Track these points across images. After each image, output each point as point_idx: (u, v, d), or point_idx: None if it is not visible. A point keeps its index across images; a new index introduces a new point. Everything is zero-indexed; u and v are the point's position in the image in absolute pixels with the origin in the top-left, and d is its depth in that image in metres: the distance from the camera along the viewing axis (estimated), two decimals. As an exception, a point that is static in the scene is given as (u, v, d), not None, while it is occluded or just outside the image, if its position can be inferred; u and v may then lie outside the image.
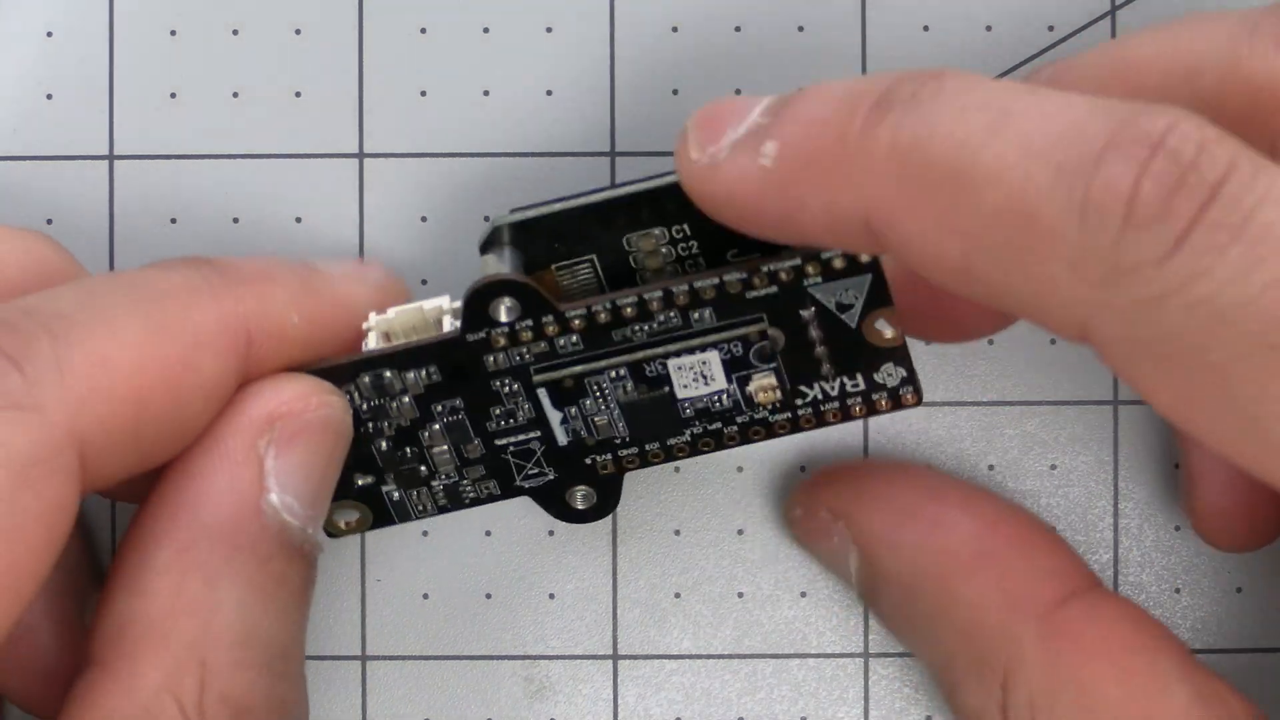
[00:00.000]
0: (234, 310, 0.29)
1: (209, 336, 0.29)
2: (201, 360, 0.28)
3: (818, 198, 0.27)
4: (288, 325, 0.30)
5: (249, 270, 0.30)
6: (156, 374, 0.28)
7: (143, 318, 0.28)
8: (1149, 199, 0.24)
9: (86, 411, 0.27)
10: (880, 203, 0.26)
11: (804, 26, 0.35)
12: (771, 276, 0.30)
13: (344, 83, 0.35)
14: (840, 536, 0.33)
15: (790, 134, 0.27)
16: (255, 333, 0.29)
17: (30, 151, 0.35)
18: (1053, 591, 0.30)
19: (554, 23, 0.35)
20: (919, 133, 0.25)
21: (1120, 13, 0.35)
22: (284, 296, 0.30)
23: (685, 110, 0.34)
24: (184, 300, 0.29)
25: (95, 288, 0.29)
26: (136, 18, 0.35)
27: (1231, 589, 0.35)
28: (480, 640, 0.35)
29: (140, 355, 0.28)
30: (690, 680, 0.35)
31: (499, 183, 0.35)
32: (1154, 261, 0.24)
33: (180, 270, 0.29)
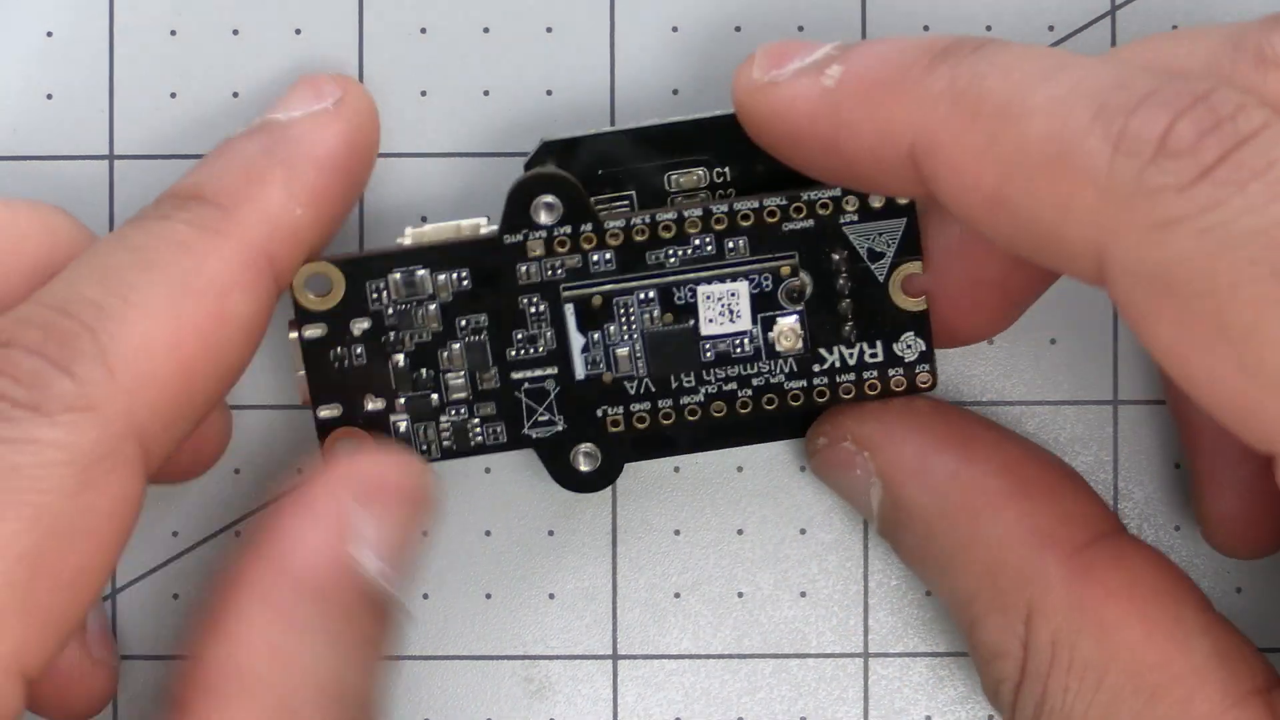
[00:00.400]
0: (245, 240, 0.29)
1: (233, 279, 0.29)
2: (232, 307, 0.29)
3: (870, 122, 0.28)
4: (295, 222, 0.30)
5: (238, 188, 0.30)
6: (195, 340, 0.28)
7: (166, 286, 0.28)
8: (1182, 135, 0.25)
9: (139, 400, 0.28)
10: (930, 127, 0.28)
11: (804, 26, 0.35)
12: (810, 207, 0.31)
13: (344, 83, 0.35)
14: (864, 468, 0.32)
15: (858, 62, 0.29)
16: (274, 250, 0.30)
17: (30, 151, 0.35)
18: (1080, 532, 0.30)
19: (554, 23, 0.35)
20: (978, 70, 0.28)
21: (1120, 13, 0.35)
22: (277, 195, 0.30)
23: (685, 110, 0.34)
24: (198, 251, 0.29)
25: (109, 264, 0.29)
26: (136, 18, 0.35)
27: (1231, 589, 0.35)
28: (480, 640, 0.35)
29: (176, 327, 0.28)
30: (690, 680, 0.35)
31: (499, 183, 0.35)
32: (1176, 187, 0.25)
33: (176, 217, 0.30)
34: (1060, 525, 0.30)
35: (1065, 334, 0.35)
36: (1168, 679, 0.29)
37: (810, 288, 0.32)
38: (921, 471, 0.32)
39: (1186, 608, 0.30)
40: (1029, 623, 0.30)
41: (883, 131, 0.28)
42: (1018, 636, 0.30)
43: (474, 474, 0.35)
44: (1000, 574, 0.30)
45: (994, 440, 0.32)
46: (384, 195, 0.35)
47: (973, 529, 0.31)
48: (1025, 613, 0.30)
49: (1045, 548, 0.30)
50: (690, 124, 0.32)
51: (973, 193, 0.27)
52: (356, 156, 0.31)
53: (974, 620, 0.31)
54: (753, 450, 0.35)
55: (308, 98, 0.32)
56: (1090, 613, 0.30)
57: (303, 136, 0.31)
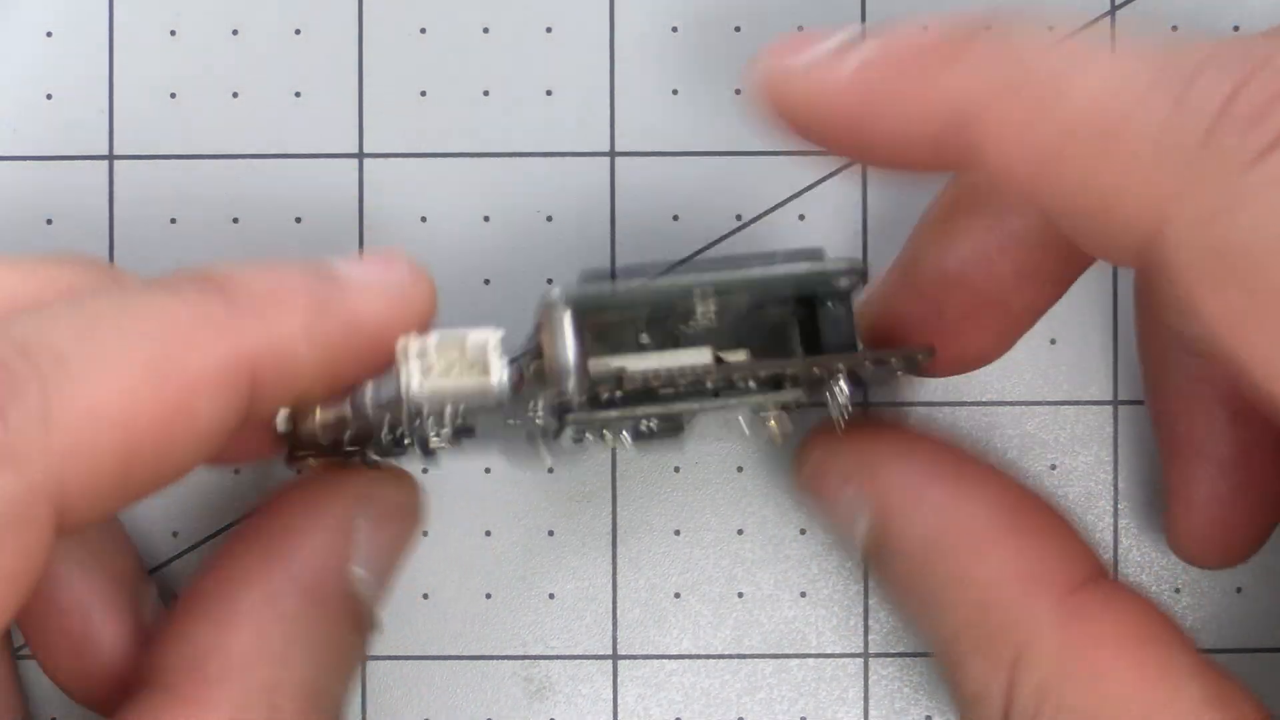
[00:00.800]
0: (238, 349, 0.27)
1: (209, 378, 0.27)
2: (198, 405, 0.27)
3: (908, 96, 0.27)
4: (296, 354, 0.28)
5: (258, 291, 0.28)
6: (149, 422, 0.26)
7: (141, 359, 0.26)
8: (1250, 99, 0.24)
9: (69, 465, 0.25)
10: (973, 97, 0.26)
11: (804, 27, 0.35)
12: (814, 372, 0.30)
13: (344, 83, 0.35)
14: (851, 499, 0.32)
15: (890, 40, 0.28)
16: (260, 370, 0.27)
17: (30, 151, 0.35)
18: (1070, 575, 0.30)
19: (554, 23, 0.35)
20: (1022, 40, 0.26)
21: (1120, 13, 0.35)
22: (294, 324, 0.28)
23: (685, 110, 0.34)
24: (186, 337, 0.27)
25: (96, 317, 0.27)
26: (136, 18, 0.35)
27: (1231, 589, 0.35)
28: (480, 640, 0.35)
29: (134, 403, 0.26)
30: (690, 680, 0.35)
31: (499, 183, 0.35)
32: (1244, 156, 0.24)
33: (186, 295, 0.27)
34: (1052, 567, 0.30)
35: (1065, 334, 0.35)
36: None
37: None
38: (912, 503, 0.31)
39: (1175, 652, 0.29)
40: (1015, 668, 0.29)
41: (921, 105, 0.27)
42: (1002, 682, 0.29)
43: (474, 474, 0.35)
44: (988, 615, 0.30)
45: (986, 476, 0.31)
46: (384, 195, 0.35)
47: (962, 567, 0.30)
48: (1013, 658, 0.29)
49: (1036, 590, 0.29)
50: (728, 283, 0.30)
51: (1020, 162, 0.26)
52: (386, 340, 0.29)
53: (957, 661, 0.30)
54: (753, 450, 0.35)
55: (376, 264, 0.29)
56: (1080, 659, 0.29)
57: (349, 291, 0.28)
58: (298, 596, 0.29)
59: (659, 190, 0.35)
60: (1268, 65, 0.24)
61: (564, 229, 0.35)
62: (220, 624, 0.29)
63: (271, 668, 0.29)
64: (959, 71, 0.27)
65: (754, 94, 0.29)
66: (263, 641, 0.29)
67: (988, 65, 0.26)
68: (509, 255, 0.35)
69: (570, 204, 0.35)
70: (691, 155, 0.35)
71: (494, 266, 0.35)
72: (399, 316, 0.29)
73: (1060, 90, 0.25)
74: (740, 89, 0.35)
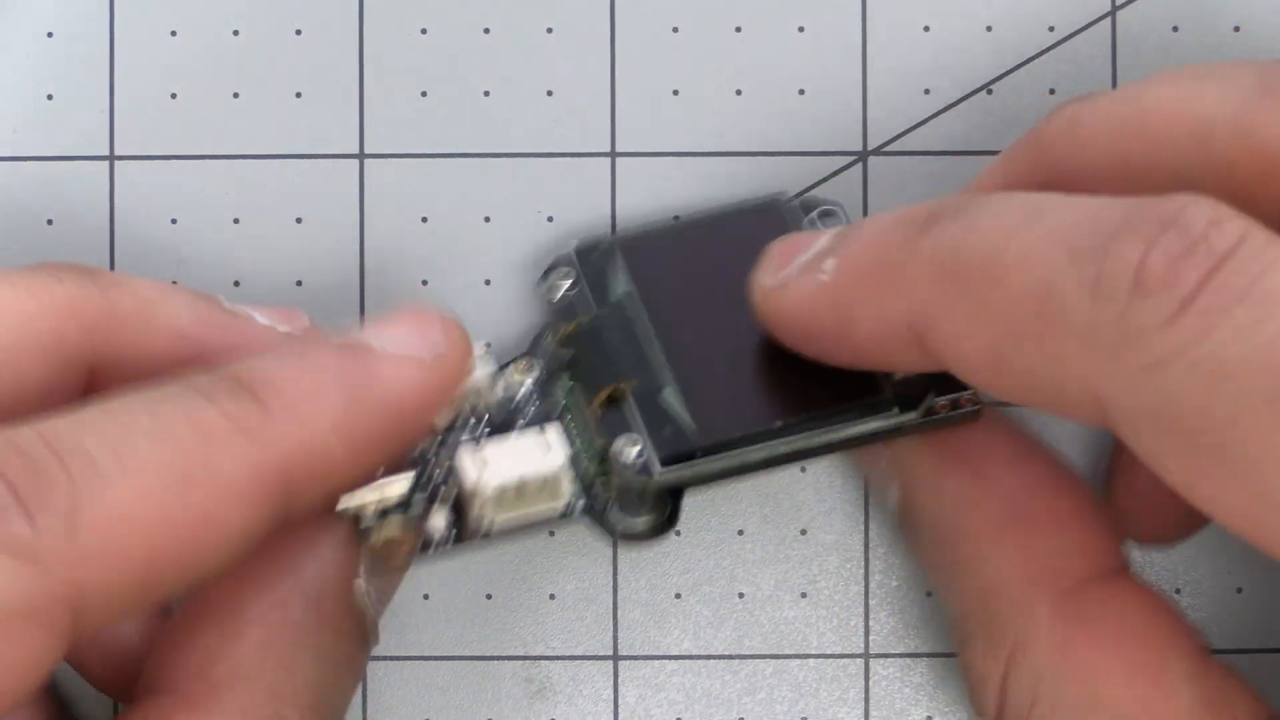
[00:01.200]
0: (270, 456, 0.27)
1: (239, 487, 0.27)
2: (228, 514, 0.27)
3: (868, 308, 0.28)
4: (329, 456, 0.28)
5: (290, 394, 0.27)
6: (176, 530, 0.26)
7: (171, 467, 0.26)
8: (1156, 267, 0.25)
9: (92, 570, 0.25)
10: (922, 305, 0.28)
11: (804, 27, 0.35)
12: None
13: (344, 83, 0.35)
14: (888, 464, 0.32)
15: (847, 250, 0.29)
16: (293, 475, 0.27)
17: (30, 151, 0.35)
18: (1077, 569, 0.30)
19: (554, 23, 0.35)
20: (957, 235, 0.27)
21: (1120, 13, 0.35)
22: (326, 423, 0.28)
23: (685, 110, 0.34)
24: (218, 445, 0.27)
25: (129, 422, 0.27)
26: (136, 18, 0.35)
27: (1231, 589, 0.35)
28: (480, 640, 0.35)
29: (162, 511, 0.26)
30: (690, 680, 0.35)
31: (499, 183, 0.35)
32: (1159, 325, 0.25)
33: (219, 401, 0.27)
34: (1056, 562, 0.30)
35: (1065, 334, 0.35)
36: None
37: None
38: (934, 484, 0.32)
39: (1174, 654, 0.29)
40: (1012, 659, 0.30)
41: (881, 316, 0.28)
42: (998, 672, 0.30)
43: (474, 474, 0.35)
44: (992, 602, 0.30)
45: (1009, 460, 0.31)
46: (383, 196, 0.35)
47: (973, 551, 0.31)
48: (1010, 651, 0.30)
49: (1037, 586, 0.30)
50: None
51: (973, 359, 0.27)
52: (418, 416, 0.29)
53: (964, 641, 0.31)
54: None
55: (411, 337, 0.29)
56: (1075, 658, 0.29)
57: (383, 379, 0.28)
58: (304, 606, 0.29)
59: (659, 190, 0.35)
60: (1173, 225, 0.25)
61: (564, 229, 0.35)
62: (227, 631, 0.29)
63: (278, 675, 0.29)
64: (904, 282, 0.28)
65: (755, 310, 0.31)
66: (270, 649, 0.29)
67: (927, 272, 0.28)
68: (509, 255, 0.35)
69: (570, 204, 0.35)
70: (691, 155, 0.35)
71: (494, 266, 0.35)
72: (429, 391, 0.29)
73: (991, 286, 0.27)
74: (740, 90, 0.35)
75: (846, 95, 0.35)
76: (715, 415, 0.31)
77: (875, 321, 0.28)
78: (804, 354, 0.30)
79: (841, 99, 0.35)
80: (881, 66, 0.35)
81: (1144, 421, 0.25)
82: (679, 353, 0.32)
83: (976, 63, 0.34)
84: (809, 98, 0.35)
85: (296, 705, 0.29)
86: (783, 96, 0.35)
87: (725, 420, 0.31)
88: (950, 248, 0.27)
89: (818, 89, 0.35)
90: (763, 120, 0.35)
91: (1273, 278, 0.24)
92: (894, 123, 0.34)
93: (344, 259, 0.35)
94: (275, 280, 0.34)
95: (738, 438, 0.31)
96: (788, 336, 0.30)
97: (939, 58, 0.35)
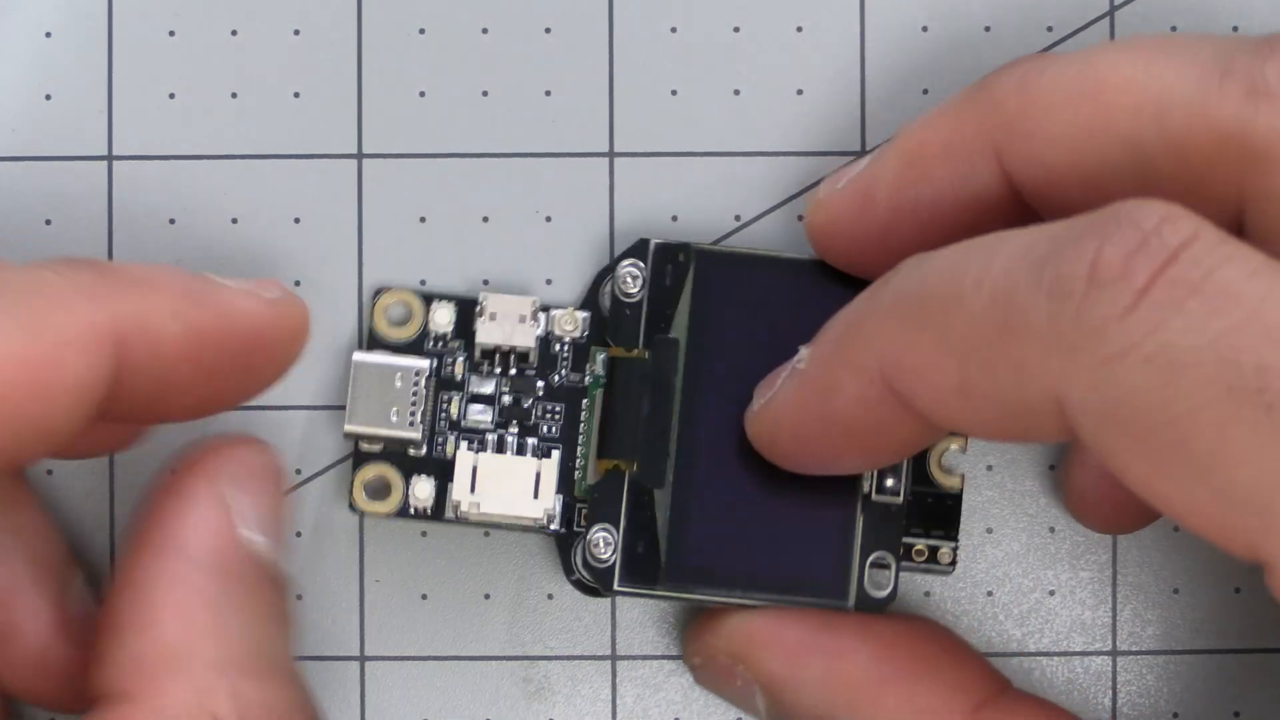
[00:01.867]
0: (105, 311, 0.28)
1: (75, 335, 0.28)
2: (67, 358, 0.28)
3: (843, 373, 0.29)
4: (165, 331, 0.29)
5: (130, 274, 0.29)
6: (15, 370, 0.27)
7: (8, 314, 0.27)
8: (1109, 262, 0.25)
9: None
10: (890, 347, 0.28)
11: (803, 27, 0.35)
12: None
13: (344, 83, 0.35)
14: (744, 679, 0.32)
15: (820, 334, 0.30)
16: (127, 335, 0.29)
17: (30, 151, 0.35)
18: (963, 704, 0.30)
19: (554, 23, 0.35)
20: (916, 275, 0.28)
21: (1119, 13, 0.35)
22: (164, 302, 0.29)
23: (685, 110, 0.34)
24: (53, 299, 0.28)
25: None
26: (136, 18, 0.35)
27: (1231, 589, 0.35)
28: (479, 640, 0.35)
29: (4, 348, 0.27)
30: (689, 680, 0.35)
31: (499, 183, 0.35)
32: (1114, 318, 0.25)
33: (56, 269, 0.29)
34: (942, 701, 0.31)
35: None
36: None
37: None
38: (794, 677, 0.32)
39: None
40: None
41: (855, 373, 0.29)
42: None
43: (473, 474, 0.35)
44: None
45: (860, 629, 0.32)
46: (383, 196, 0.35)
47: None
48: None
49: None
50: None
51: (941, 389, 0.27)
52: (259, 342, 0.30)
53: None
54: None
55: (248, 283, 0.31)
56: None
57: (222, 292, 0.30)
58: (203, 575, 0.30)
59: (659, 190, 0.35)
60: (1126, 222, 0.25)
61: (564, 229, 0.35)
62: (145, 623, 0.29)
63: (210, 647, 0.29)
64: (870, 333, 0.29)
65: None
66: (191, 625, 0.29)
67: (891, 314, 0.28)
68: (509, 255, 0.35)
69: (568, 204, 0.35)
70: (690, 156, 0.35)
71: (494, 266, 0.35)
72: (271, 319, 0.30)
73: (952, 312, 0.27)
74: (739, 90, 0.35)
75: (845, 95, 0.35)
76: (688, 555, 0.32)
77: (851, 384, 0.29)
78: (798, 470, 0.31)
79: (840, 99, 0.35)
80: (880, 66, 0.35)
81: (1104, 421, 0.25)
82: (691, 448, 0.32)
83: (975, 63, 0.34)
84: (807, 98, 0.35)
85: (239, 666, 0.29)
86: (781, 96, 0.35)
87: (694, 571, 0.32)
88: (911, 287, 0.28)
89: (816, 89, 0.35)
90: (761, 120, 0.35)
91: (1225, 272, 0.24)
92: (893, 122, 0.34)
93: (343, 259, 0.35)
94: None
95: (698, 590, 0.32)
96: (778, 452, 0.31)
97: (938, 58, 0.35)
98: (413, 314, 0.34)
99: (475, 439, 0.33)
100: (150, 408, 0.30)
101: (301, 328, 0.31)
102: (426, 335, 0.34)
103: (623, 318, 0.33)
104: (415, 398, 0.33)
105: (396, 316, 0.34)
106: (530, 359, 0.33)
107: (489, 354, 0.33)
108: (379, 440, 0.33)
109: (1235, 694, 0.34)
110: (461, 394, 0.33)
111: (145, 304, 0.29)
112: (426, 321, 0.33)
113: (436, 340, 0.33)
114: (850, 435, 0.30)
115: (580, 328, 0.33)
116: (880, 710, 0.31)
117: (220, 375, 0.30)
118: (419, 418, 0.33)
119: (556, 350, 0.33)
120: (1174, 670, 0.35)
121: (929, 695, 0.31)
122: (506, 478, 0.33)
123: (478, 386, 0.33)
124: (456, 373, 0.33)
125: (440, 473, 0.33)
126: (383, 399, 0.33)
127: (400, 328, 0.34)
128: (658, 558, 0.32)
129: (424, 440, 0.33)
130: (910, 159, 0.31)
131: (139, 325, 0.29)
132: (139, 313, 0.29)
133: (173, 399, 0.30)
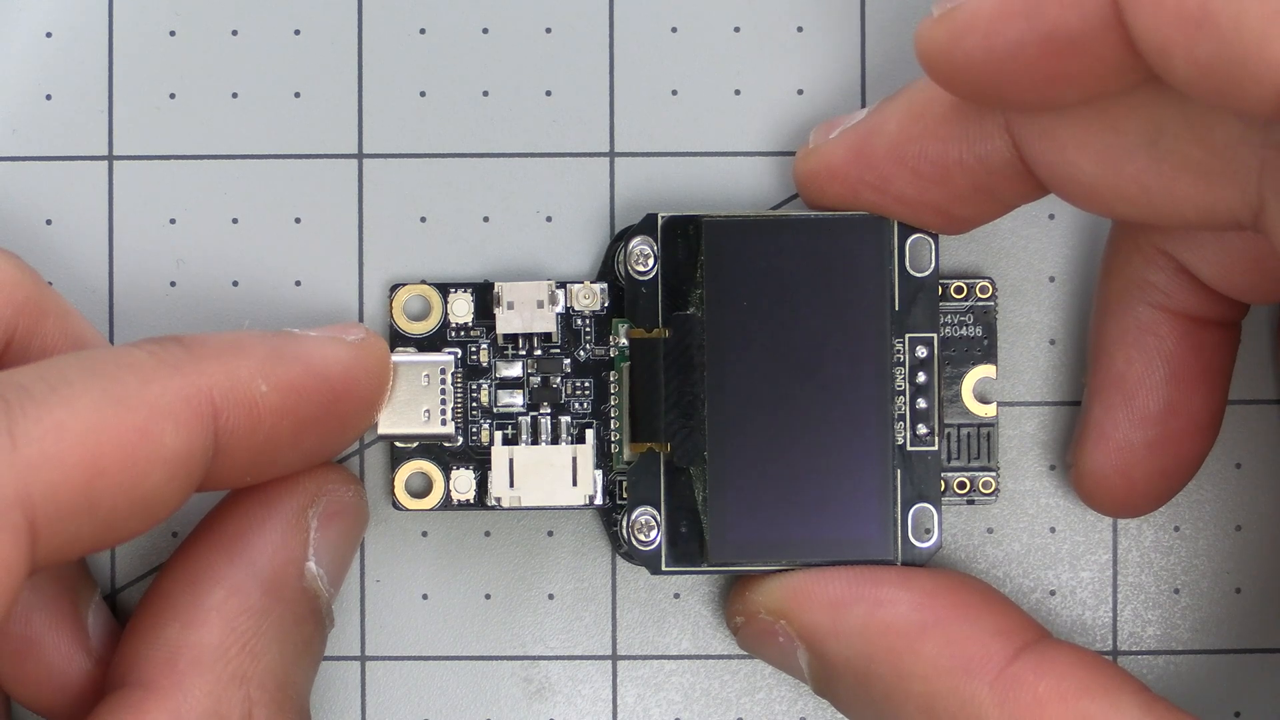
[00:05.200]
0: (196, 382, 0.29)
1: (169, 408, 0.28)
2: (162, 431, 0.28)
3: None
4: (256, 394, 0.29)
5: (214, 343, 0.30)
6: (111, 442, 0.27)
7: (100, 389, 0.28)
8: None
9: (37, 477, 0.26)
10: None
11: (803, 27, 0.35)
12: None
13: (344, 83, 0.35)
14: (785, 635, 0.32)
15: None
16: (221, 403, 0.29)
17: (30, 152, 0.35)
18: (1001, 649, 0.30)
19: (554, 23, 0.35)
20: None
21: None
22: (251, 366, 0.30)
23: (685, 110, 0.34)
24: (144, 373, 0.28)
25: (55, 362, 0.28)
26: (136, 18, 0.35)
27: (1231, 589, 0.35)
28: (480, 641, 0.35)
29: (95, 422, 0.27)
30: (690, 680, 0.35)
31: (498, 182, 0.35)
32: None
33: (144, 347, 0.29)
34: (982, 646, 0.31)
35: (1065, 334, 0.35)
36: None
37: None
38: (836, 627, 0.32)
39: (1122, 694, 0.30)
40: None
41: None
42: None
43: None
44: (933, 708, 0.30)
45: (901, 579, 0.32)
46: (383, 196, 0.35)
47: (898, 670, 0.31)
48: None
49: (971, 673, 0.30)
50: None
51: (1173, 13, 0.25)
52: (349, 387, 0.31)
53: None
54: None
55: (331, 329, 0.32)
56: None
57: (306, 344, 0.31)
58: (260, 592, 0.30)
59: (659, 190, 0.35)
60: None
61: (564, 229, 0.35)
62: (189, 620, 0.30)
63: (242, 659, 0.30)
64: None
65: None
66: (231, 634, 0.30)
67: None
68: (509, 255, 0.35)
69: (569, 204, 0.35)
70: (690, 155, 0.35)
71: (494, 267, 0.35)
72: (356, 363, 0.31)
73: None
74: (739, 90, 0.35)
75: (845, 95, 0.35)
76: (730, 529, 0.32)
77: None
78: (969, 96, 0.29)
79: (840, 99, 0.35)
80: (880, 66, 0.35)
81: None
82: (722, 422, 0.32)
83: (976, 63, 0.34)
84: (807, 97, 0.35)
85: (262, 687, 0.30)
86: (781, 96, 0.35)
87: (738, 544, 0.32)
88: None
89: (816, 89, 0.35)
90: (761, 120, 0.35)
91: None
92: (893, 123, 0.34)
93: (343, 259, 0.35)
94: (274, 280, 0.35)
95: (743, 561, 0.32)
96: (957, 64, 0.28)
97: (938, 58, 0.35)
98: (431, 307, 0.34)
99: (509, 424, 0.34)
100: (250, 472, 0.30)
101: (383, 366, 0.32)
102: (447, 326, 0.34)
103: (639, 296, 0.33)
104: (444, 393, 0.33)
105: (415, 311, 0.34)
106: (553, 338, 0.34)
107: (511, 338, 0.34)
108: (414, 439, 0.33)
109: (1235, 694, 0.34)
110: (490, 380, 0.34)
111: (233, 370, 0.29)
112: (446, 313, 0.34)
113: (458, 330, 0.34)
114: (1059, 53, 0.27)
115: (599, 300, 0.34)
116: (920, 656, 0.31)
117: (314, 428, 0.30)
118: (450, 413, 0.33)
119: (579, 326, 0.34)
120: (1174, 670, 0.35)
121: (969, 641, 0.31)
122: (544, 468, 0.33)
123: (505, 370, 0.34)
124: (482, 360, 0.34)
125: (479, 462, 0.34)
126: (412, 398, 0.33)
127: (419, 322, 0.34)
128: (701, 536, 0.33)
129: (458, 433, 0.33)
130: (917, 114, 0.31)
131: (230, 392, 0.29)
132: (229, 379, 0.29)
133: (271, 460, 0.30)
